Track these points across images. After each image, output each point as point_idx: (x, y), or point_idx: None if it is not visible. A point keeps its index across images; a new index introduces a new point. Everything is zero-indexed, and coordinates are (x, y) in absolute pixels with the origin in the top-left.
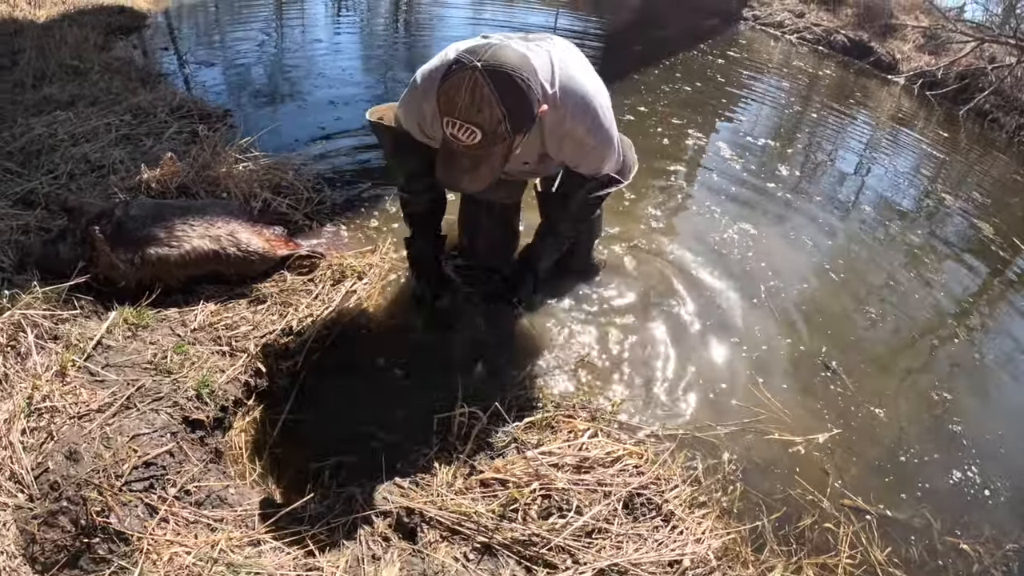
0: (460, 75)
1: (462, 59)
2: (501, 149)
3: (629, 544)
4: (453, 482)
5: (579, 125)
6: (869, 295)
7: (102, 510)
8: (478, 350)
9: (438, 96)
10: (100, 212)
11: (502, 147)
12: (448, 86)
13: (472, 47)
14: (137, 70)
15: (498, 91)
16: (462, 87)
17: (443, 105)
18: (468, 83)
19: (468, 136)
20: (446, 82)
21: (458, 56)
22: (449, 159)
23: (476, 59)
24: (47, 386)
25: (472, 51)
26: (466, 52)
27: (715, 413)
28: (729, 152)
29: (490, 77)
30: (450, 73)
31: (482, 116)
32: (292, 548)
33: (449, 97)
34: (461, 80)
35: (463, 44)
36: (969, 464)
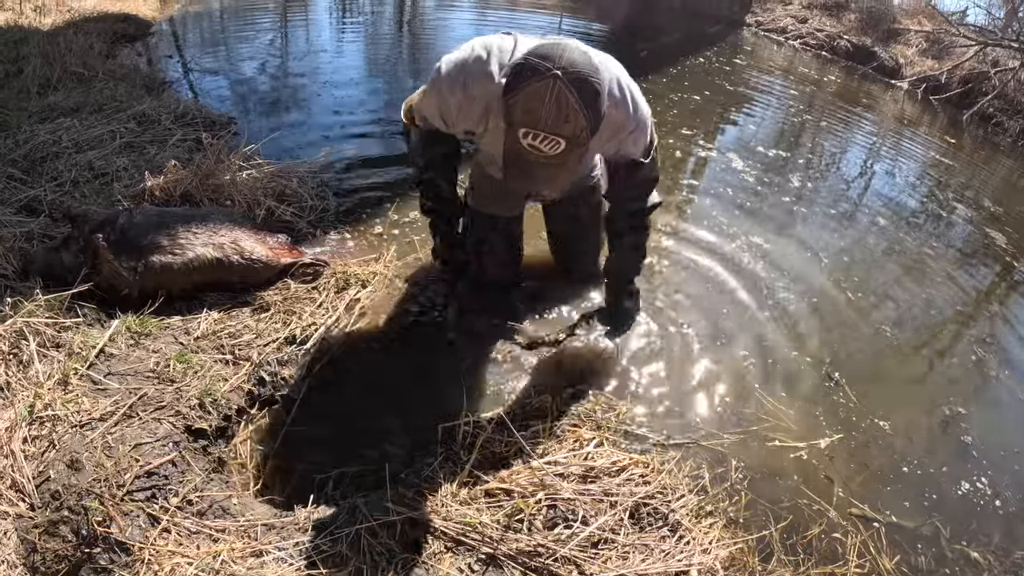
0: (541, 84)
1: (538, 67)
2: (579, 153)
3: (636, 554)
4: (457, 492)
5: (620, 111)
6: (879, 304)
7: (103, 520)
8: (482, 359)
9: (511, 106)
10: (103, 220)
11: (579, 151)
12: (527, 96)
13: (542, 52)
14: (142, 78)
15: (582, 99)
16: (545, 98)
17: (521, 116)
18: (552, 93)
19: (551, 147)
20: (522, 92)
21: (530, 63)
22: (525, 169)
23: (554, 66)
24: (49, 394)
25: (545, 56)
26: (539, 58)
27: (721, 422)
28: (740, 163)
29: (573, 85)
30: (523, 81)
31: (568, 127)
32: (295, 559)
33: (530, 108)
34: (544, 90)
35: (492, 40)
36: (979, 474)
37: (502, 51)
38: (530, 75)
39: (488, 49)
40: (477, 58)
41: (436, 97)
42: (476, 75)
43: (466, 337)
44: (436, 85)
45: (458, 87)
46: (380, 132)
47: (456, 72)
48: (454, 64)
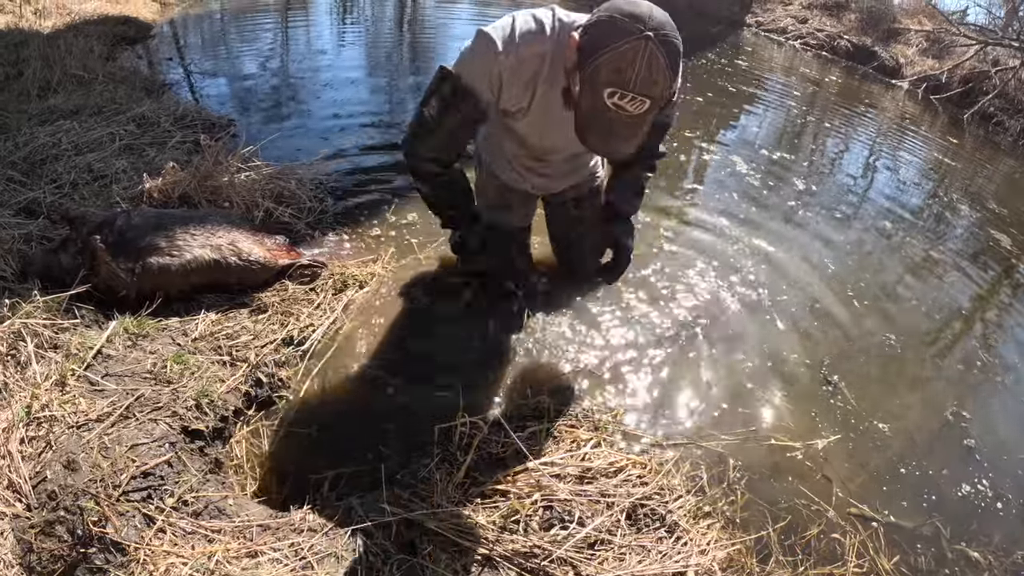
0: (632, 45)
1: (628, 27)
2: (656, 111)
3: (632, 556)
4: (453, 493)
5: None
6: (881, 305)
7: (99, 520)
8: (480, 359)
9: (597, 66)
10: (101, 222)
11: (657, 110)
12: (617, 57)
13: (629, 10)
14: (142, 80)
15: (669, 59)
16: (636, 58)
17: (610, 76)
18: (644, 54)
19: (636, 106)
20: (611, 52)
21: (619, 23)
22: (607, 128)
23: (645, 27)
24: (46, 395)
25: (633, 15)
26: (628, 18)
27: (719, 423)
28: (744, 166)
29: (663, 46)
30: (613, 40)
31: (656, 87)
32: (290, 560)
33: (619, 68)
34: (636, 51)
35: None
36: (979, 475)
37: (548, 16)
38: (621, 35)
39: (533, 15)
40: (526, 21)
41: (485, 60)
42: (527, 37)
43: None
44: (485, 52)
45: (512, 48)
46: (379, 134)
47: (507, 34)
48: (502, 28)
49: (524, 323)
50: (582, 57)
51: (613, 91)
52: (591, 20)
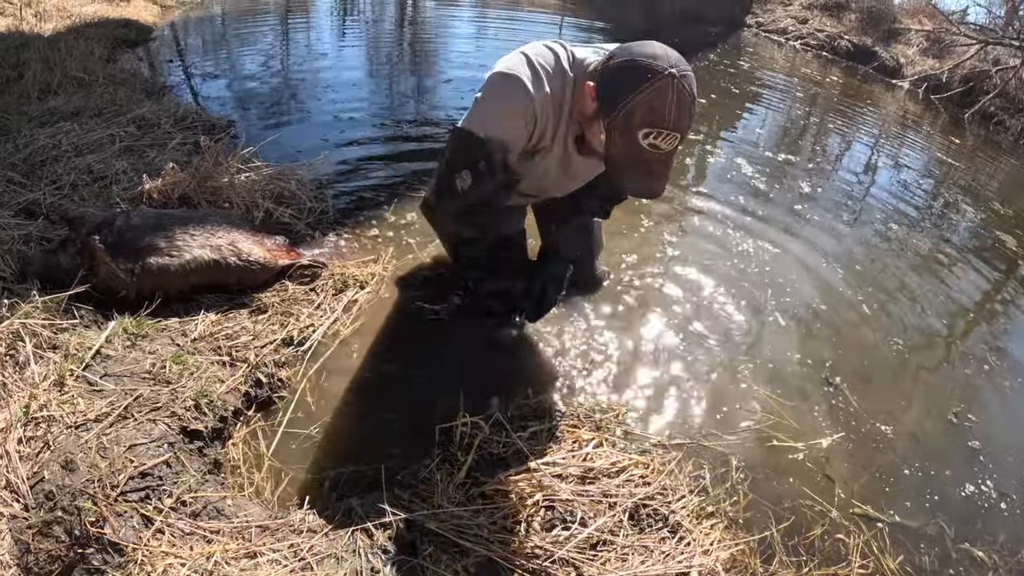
0: (662, 84)
1: (653, 67)
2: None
3: (635, 556)
4: (454, 494)
5: None
6: (885, 307)
7: (97, 520)
8: (481, 359)
9: (631, 110)
10: (101, 222)
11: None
12: (651, 98)
13: (648, 51)
14: (142, 82)
15: (691, 92)
16: (667, 97)
17: (645, 117)
18: (674, 92)
19: (670, 142)
20: (644, 93)
21: (643, 64)
22: (645, 169)
23: (668, 65)
24: (45, 395)
25: (653, 55)
26: (649, 59)
27: (721, 423)
28: (749, 168)
29: (684, 80)
30: (643, 83)
31: (684, 122)
32: (289, 561)
33: (654, 108)
34: (666, 89)
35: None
36: (984, 475)
37: (561, 50)
38: (649, 76)
39: (546, 46)
40: (541, 55)
41: (517, 104)
42: (550, 71)
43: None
44: (514, 91)
45: (540, 85)
46: (379, 135)
47: (531, 72)
48: (524, 65)
49: (522, 323)
50: (607, 104)
51: (649, 131)
52: (609, 68)
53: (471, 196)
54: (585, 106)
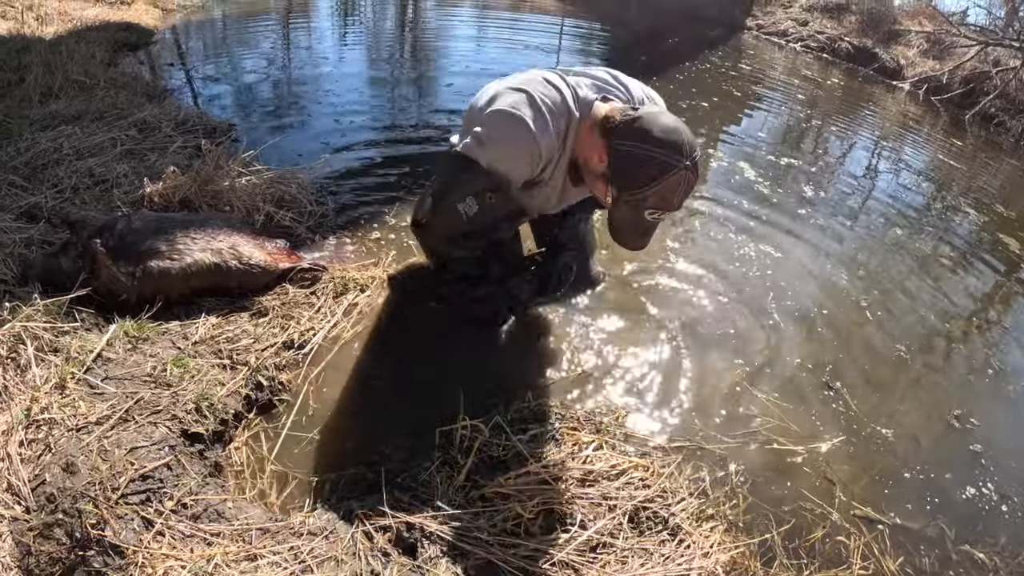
0: (675, 178)
1: (671, 162)
2: None
3: (635, 559)
4: (455, 496)
5: None
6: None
7: (98, 523)
8: (481, 361)
9: (645, 196)
10: (102, 225)
11: None
12: (664, 189)
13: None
14: (143, 85)
15: (697, 173)
16: (679, 188)
17: (656, 202)
18: (684, 183)
19: (667, 215)
20: (658, 186)
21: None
22: (641, 232)
23: (684, 157)
24: (46, 398)
25: (674, 147)
26: (670, 151)
27: (721, 425)
28: (752, 172)
29: (696, 169)
30: (659, 176)
31: (686, 200)
32: (289, 563)
33: (664, 197)
34: (679, 182)
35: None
36: (985, 477)
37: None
38: (668, 172)
39: (550, 83)
40: (546, 94)
41: (524, 146)
42: (555, 111)
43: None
44: (522, 134)
45: (544, 126)
46: (380, 138)
47: (536, 113)
48: (529, 106)
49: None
50: (622, 182)
51: (655, 211)
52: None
53: (475, 223)
54: (593, 162)
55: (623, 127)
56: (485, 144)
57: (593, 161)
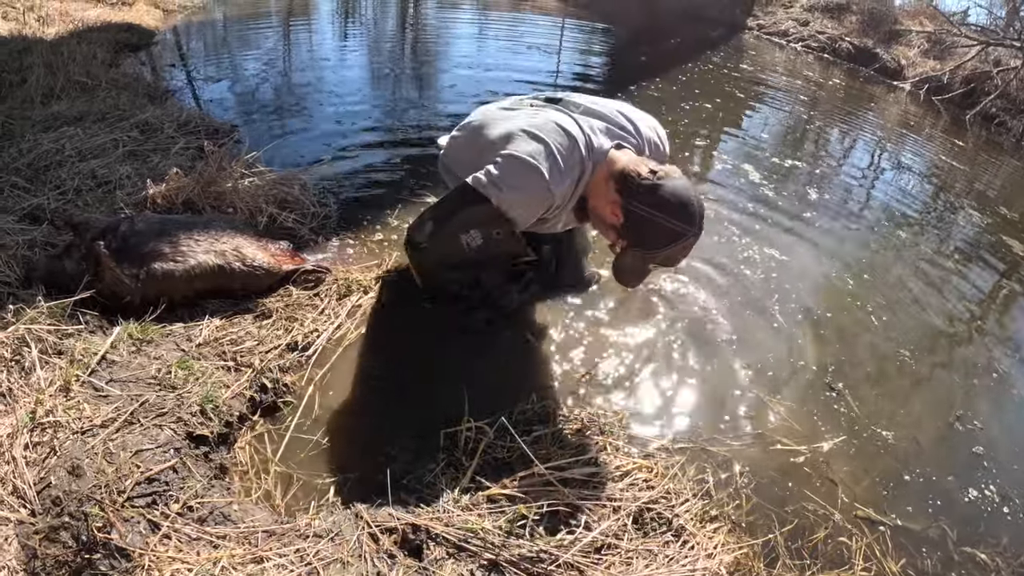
0: (687, 244)
1: (681, 231)
2: None
3: (639, 560)
4: (460, 498)
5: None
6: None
7: (104, 526)
8: (485, 363)
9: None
10: (105, 227)
11: None
12: (674, 252)
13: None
14: (145, 86)
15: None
16: (684, 250)
17: (662, 260)
18: (689, 246)
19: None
20: (670, 249)
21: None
22: (642, 276)
23: (694, 225)
24: (50, 401)
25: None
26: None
27: (724, 427)
28: (756, 175)
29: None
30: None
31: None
32: (296, 566)
33: (671, 257)
34: (687, 247)
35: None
36: (987, 479)
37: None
38: (678, 239)
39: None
40: (561, 144)
41: (538, 196)
42: (570, 161)
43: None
44: (537, 185)
45: (559, 178)
46: (382, 139)
47: (552, 165)
48: (545, 157)
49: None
50: (634, 239)
51: (660, 268)
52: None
53: (476, 254)
54: (605, 213)
55: (643, 192)
56: (500, 188)
57: (606, 212)
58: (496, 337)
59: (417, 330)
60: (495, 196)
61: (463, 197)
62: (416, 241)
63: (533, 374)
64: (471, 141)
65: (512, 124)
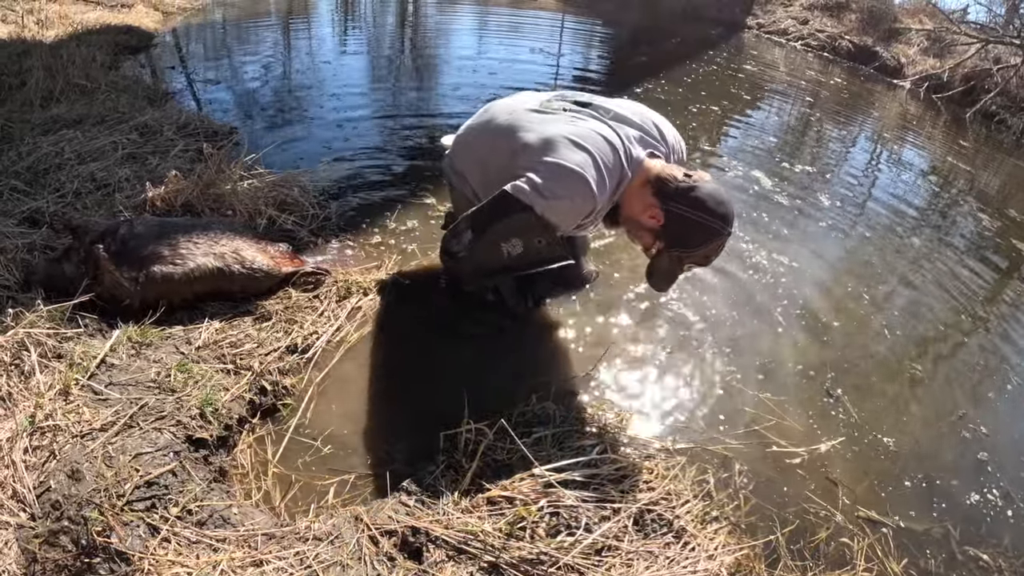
0: (720, 242)
1: (717, 230)
2: None
3: (640, 562)
4: (459, 500)
5: None
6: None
7: (103, 530)
8: (485, 365)
9: (691, 253)
10: (104, 230)
11: None
12: (709, 250)
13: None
14: (144, 89)
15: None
16: (718, 249)
17: (697, 260)
18: (723, 245)
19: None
20: (706, 248)
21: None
22: (672, 279)
23: (727, 225)
24: (50, 405)
25: (724, 218)
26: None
27: (725, 428)
28: (758, 174)
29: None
30: (706, 241)
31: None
32: (295, 569)
33: (707, 256)
34: (720, 245)
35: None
36: (989, 480)
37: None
38: (714, 238)
39: (608, 141)
40: (604, 154)
41: (583, 205)
42: (612, 172)
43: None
44: (584, 194)
45: (604, 188)
46: (382, 141)
47: (598, 176)
48: (593, 168)
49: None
50: (672, 240)
51: (694, 265)
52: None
53: (516, 262)
54: (643, 217)
55: (680, 194)
56: (546, 196)
57: (643, 217)
58: (495, 338)
59: (416, 332)
60: (540, 205)
61: (503, 205)
62: (453, 251)
63: (533, 375)
64: (497, 142)
65: (552, 129)
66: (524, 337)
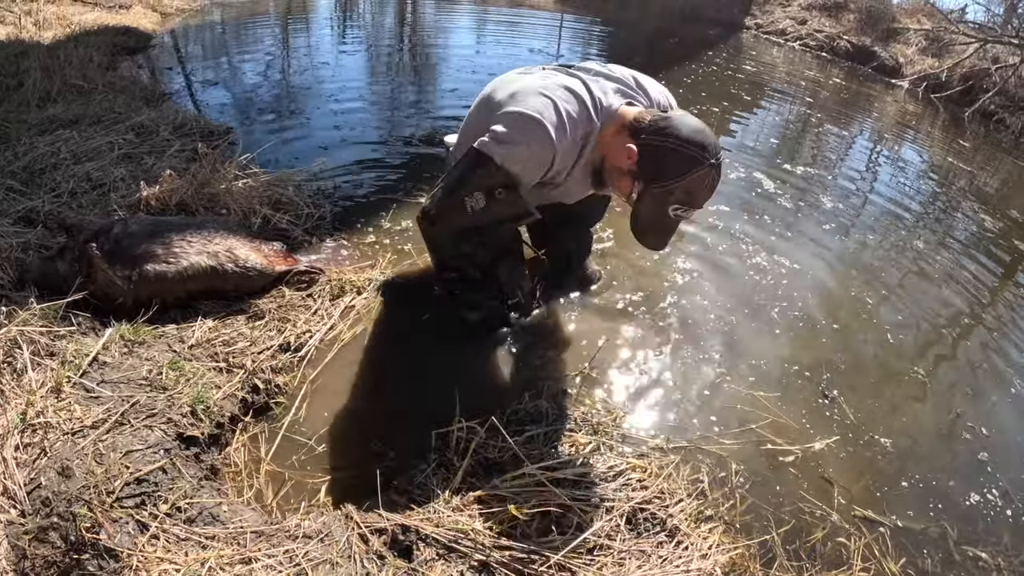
0: (702, 173)
1: (698, 158)
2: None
3: (632, 561)
4: (450, 499)
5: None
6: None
7: (92, 526)
8: (477, 363)
9: (671, 190)
10: (98, 229)
11: None
12: (690, 184)
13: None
14: (141, 89)
15: (720, 175)
16: (704, 183)
17: (680, 197)
18: (709, 179)
19: (689, 215)
20: (685, 180)
21: (690, 154)
22: (662, 231)
23: (710, 156)
24: (42, 402)
25: (701, 145)
26: (697, 148)
27: (719, 427)
28: (759, 175)
29: (720, 169)
30: (686, 171)
31: (708, 200)
32: (284, 566)
33: (691, 192)
34: (704, 178)
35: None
36: (987, 479)
37: (584, 92)
38: (695, 168)
39: (571, 91)
40: (568, 102)
41: (541, 151)
42: (575, 120)
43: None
44: (540, 139)
45: (564, 135)
46: (377, 141)
47: (558, 121)
48: (552, 113)
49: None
50: (649, 176)
51: (679, 207)
52: (659, 147)
53: (480, 217)
54: (620, 161)
55: (651, 126)
56: (503, 142)
57: (621, 159)
58: (488, 337)
59: (409, 331)
60: (496, 153)
61: (468, 161)
62: (426, 209)
63: (525, 373)
64: (480, 110)
65: (519, 84)
66: (518, 336)
